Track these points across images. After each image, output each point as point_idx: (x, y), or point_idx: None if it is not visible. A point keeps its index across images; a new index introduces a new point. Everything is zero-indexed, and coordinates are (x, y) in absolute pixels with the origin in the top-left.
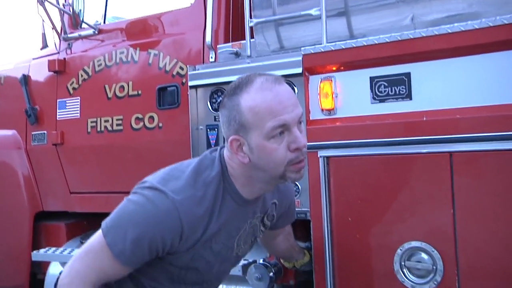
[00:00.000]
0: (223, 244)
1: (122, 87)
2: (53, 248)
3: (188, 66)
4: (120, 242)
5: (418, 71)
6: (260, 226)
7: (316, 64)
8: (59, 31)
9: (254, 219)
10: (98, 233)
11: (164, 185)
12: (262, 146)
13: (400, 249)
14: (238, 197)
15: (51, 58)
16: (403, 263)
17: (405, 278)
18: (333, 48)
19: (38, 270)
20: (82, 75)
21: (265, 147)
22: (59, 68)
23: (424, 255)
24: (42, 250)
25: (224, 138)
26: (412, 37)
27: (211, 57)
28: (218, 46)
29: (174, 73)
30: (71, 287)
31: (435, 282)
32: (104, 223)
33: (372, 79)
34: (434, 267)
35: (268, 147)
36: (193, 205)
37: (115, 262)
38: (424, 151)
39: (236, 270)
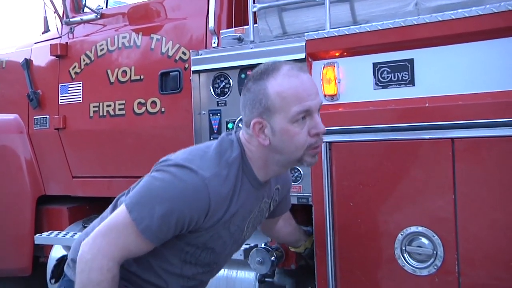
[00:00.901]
0: (237, 226)
1: (125, 71)
2: (56, 232)
3: (191, 51)
4: (147, 218)
5: (421, 57)
6: (266, 212)
7: (319, 50)
8: (61, 15)
9: (262, 203)
10: (121, 210)
11: (190, 163)
12: (285, 129)
13: (401, 234)
14: (254, 179)
15: (53, 42)
16: (403, 248)
17: (405, 263)
18: (336, 34)
19: (40, 254)
20: (84, 60)
21: (288, 131)
22: (61, 53)
23: (424, 240)
24: (44, 234)
25: (236, 123)
26: (415, 23)
27: (214, 42)
28: (221, 31)
29: (177, 58)
30: (94, 263)
31: (435, 267)
32: (128, 198)
33: (375, 65)
34: (435, 252)
35: (291, 131)
36: (219, 184)
37: (139, 238)
38: (426, 137)
39: (238, 254)
